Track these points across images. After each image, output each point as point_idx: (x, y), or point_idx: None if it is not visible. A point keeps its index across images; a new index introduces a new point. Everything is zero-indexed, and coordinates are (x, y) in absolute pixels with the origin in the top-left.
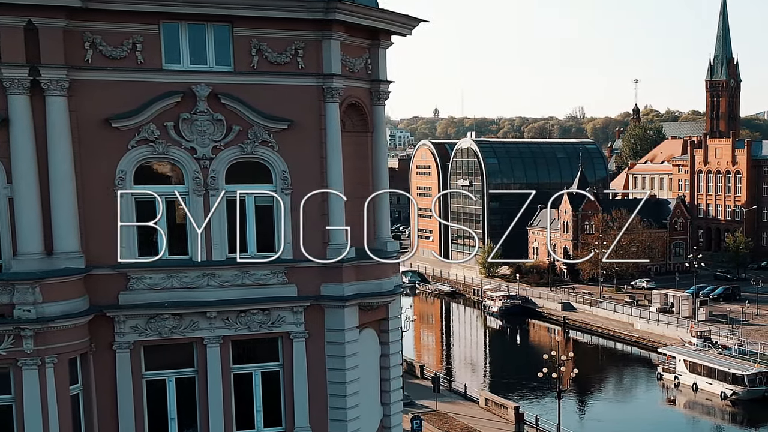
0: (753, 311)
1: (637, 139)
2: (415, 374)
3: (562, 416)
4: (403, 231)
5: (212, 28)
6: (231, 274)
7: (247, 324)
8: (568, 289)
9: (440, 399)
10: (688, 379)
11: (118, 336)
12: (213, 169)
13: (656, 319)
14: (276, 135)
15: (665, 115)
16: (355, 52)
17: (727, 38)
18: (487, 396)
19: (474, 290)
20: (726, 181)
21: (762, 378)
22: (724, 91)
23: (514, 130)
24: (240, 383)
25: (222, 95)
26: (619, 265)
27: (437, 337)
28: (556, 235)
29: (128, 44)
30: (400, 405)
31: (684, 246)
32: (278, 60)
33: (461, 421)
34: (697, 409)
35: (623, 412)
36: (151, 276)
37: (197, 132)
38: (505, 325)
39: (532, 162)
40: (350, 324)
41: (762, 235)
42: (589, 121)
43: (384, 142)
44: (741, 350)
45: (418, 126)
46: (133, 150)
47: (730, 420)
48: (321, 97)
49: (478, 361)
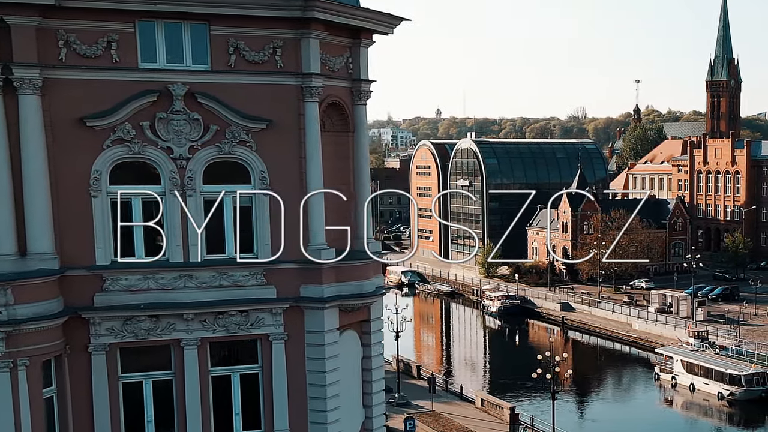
0: (751, 311)
1: (638, 139)
2: (412, 374)
3: (560, 416)
4: (404, 231)
5: (189, 27)
6: (208, 275)
7: (225, 326)
8: (567, 290)
9: (436, 399)
10: (685, 380)
11: (94, 338)
12: (190, 169)
13: (654, 319)
14: (254, 135)
15: (666, 116)
16: (336, 51)
17: (728, 38)
18: (483, 396)
19: (473, 290)
20: (725, 181)
21: (759, 378)
22: (725, 92)
23: (516, 130)
24: (218, 385)
25: (199, 94)
26: (618, 265)
27: (436, 338)
28: (555, 236)
29: (103, 43)
30: (382, 407)
31: (683, 246)
32: (256, 59)
33: (456, 421)
34: (694, 410)
35: (620, 413)
36: (127, 277)
37: (174, 131)
38: (503, 325)
39: (531, 162)
40: (330, 326)
41: (761, 235)
42: (591, 122)
43: (365, 142)
44: (738, 350)
45: (420, 126)
46: (108, 150)
47: (727, 420)
48: (300, 96)
49: (476, 361)
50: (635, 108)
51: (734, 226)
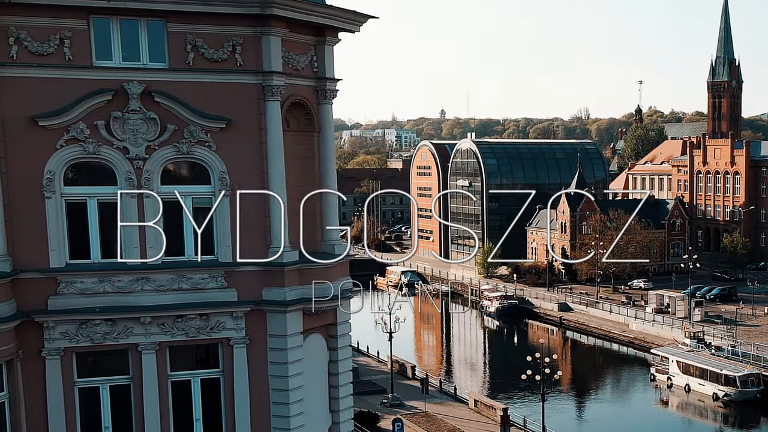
0: (748, 312)
1: (639, 139)
2: (407, 375)
3: (555, 417)
4: (405, 231)
5: (145, 24)
6: (167, 278)
7: (185, 330)
8: (566, 290)
9: (430, 400)
10: (680, 381)
11: (48, 342)
12: (147, 169)
13: (651, 319)
14: (213, 134)
15: (669, 116)
16: (299, 49)
17: (729, 39)
18: (476, 397)
19: (472, 290)
20: (725, 181)
21: (754, 379)
22: (726, 92)
23: (519, 131)
24: (178, 391)
25: (156, 93)
26: (616, 265)
27: (433, 338)
28: (554, 236)
29: (55, 40)
30: (350, 412)
31: (682, 246)
32: (215, 57)
33: (448, 422)
34: (689, 411)
35: (616, 413)
36: (82, 280)
37: (129, 131)
38: (501, 325)
39: (531, 163)
40: (293, 329)
41: (760, 235)
42: (594, 122)
43: (331, 141)
44: (734, 351)
45: (424, 127)
46: (61, 150)
47: (722, 421)
48: (261, 95)
49: (473, 361)
50: (637, 108)
51: (733, 226)
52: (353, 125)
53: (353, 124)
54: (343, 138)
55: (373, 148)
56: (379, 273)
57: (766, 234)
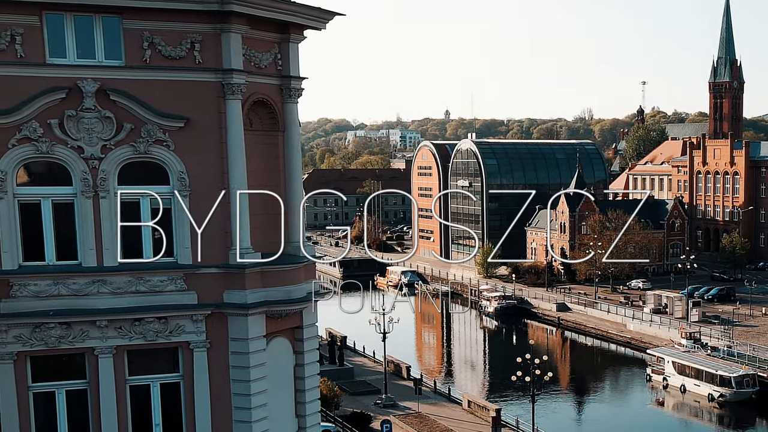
0: (746, 312)
1: (640, 140)
2: (402, 375)
3: (550, 417)
4: (407, 231)
5: (100, 20)
6: (123, 280)
7: (143, 333)
8: (564, 290)
9: (424, 401)
10: (676, 381)
11: (0, 346)
12: (103, 169)
13: (649, 320)
14: (171, 133)
15: (672, 117)
16: (262, 46)
17: (731, 40)
18: (470, 398)
19: (471, 290)
20: (724, 181)
21: (749, 380)
22: (727, 93)
23: (523, 131)
24: (137, 395)
25: (111, 91)
26: (615, 265)
27: (432, 338)
28: (553, 236)
29: (6, 36)
30: (317, 417)
31: (681, 247)
32: (173, 54)
33: (441, 423)
34: (684, 411)
35: (611, 414)
36: (36, 282)
37: (84, 130)
38: (500, 325)
39: (531, 163)
40: (255, 333)
41: (759, 235)
42: (597, 123)
43: (297, 141)
44: (730, 352)
45: (428, 127)
46: (13, 149)
47: (717, 422)
48: (221, 93)
49: (470, 361)
50: (639, 109)
51: (733, 226)
52: (358, 126)
53: (358, 125)
54: (347, 138)
55: (377, 149)
56: (380, 273)
57: (765, 234)
